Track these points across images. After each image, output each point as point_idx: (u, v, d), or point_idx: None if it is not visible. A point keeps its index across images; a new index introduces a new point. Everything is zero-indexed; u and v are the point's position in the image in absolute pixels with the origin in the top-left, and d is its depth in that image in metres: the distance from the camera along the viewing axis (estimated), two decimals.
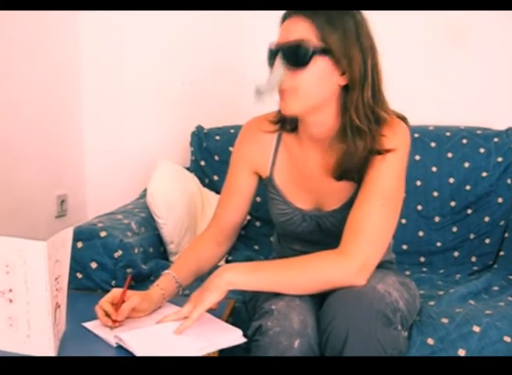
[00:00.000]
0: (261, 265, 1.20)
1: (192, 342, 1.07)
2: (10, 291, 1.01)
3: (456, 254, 1.88)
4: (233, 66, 2.04)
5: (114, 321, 1.13)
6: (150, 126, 2.33)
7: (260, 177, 1.36)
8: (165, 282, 1.24)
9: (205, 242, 1.37)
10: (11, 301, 1.01)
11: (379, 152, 1.17)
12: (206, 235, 1.39)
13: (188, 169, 2.07)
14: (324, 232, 1.28)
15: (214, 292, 1.11)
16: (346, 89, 1.18)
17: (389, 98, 1.23)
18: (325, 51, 1.14)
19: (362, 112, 1.16)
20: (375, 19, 1.18)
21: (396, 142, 1.18)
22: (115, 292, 1.18)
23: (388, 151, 1.17)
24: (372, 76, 1.17)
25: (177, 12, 2.19)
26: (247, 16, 2.13)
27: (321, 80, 1.15)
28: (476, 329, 1.30)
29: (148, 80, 2.30)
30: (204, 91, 2.25)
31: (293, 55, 1.14)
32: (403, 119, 1.24)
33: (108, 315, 1.14)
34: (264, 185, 1.35)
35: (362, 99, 1.16)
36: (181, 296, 1.28)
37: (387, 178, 1.16)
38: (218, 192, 2.01)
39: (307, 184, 1.28)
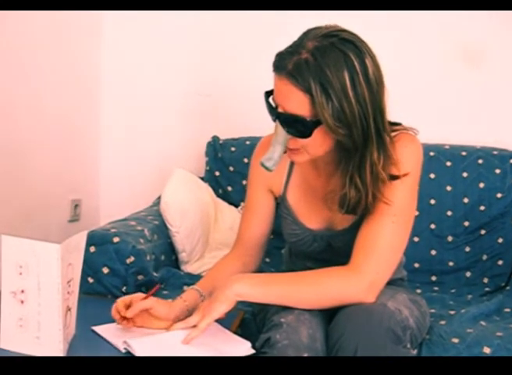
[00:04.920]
0: (271, 278, 1.20)
1: (200, 352, 1.06)
2: (22, 292, 1.02)
3: (468, 274, 1.86)
4: (251, 78, 2.05)
5: (124, 318, 1.15)
6: (166, 134, 2.34)
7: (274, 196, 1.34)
8: (189, 295, 1.23)
9: (231, 263, 1.34)
10: (22, 302, 1.02)
11: (396, 178, 1.14)
12: (231, 256, 1.36)
13: (202, 178, 2.07)
14: (335, 251, 1.27)
15: (223, 303, 1.11)
16: None
17: (406, 117, 1.22)
18: (323, 122, 1.07)
19: (366, 171, 1.12)
20: (393, 39, 1.15)
21: (410, 165, 1.15)
22: (137, 295, 1.20)
23: (404, 175, 1.14)
24: (376, 130, 1.09)
25: (198, 24, 2.22)
26: (265, 29, 2.15)
27: (326, 141, 1.12)
28: (487, 350, 1.29)
29: (166, 90, 2.31)
30: (221, 102, 2.26)
31: (293, 129, 1.10)
32: (407, 129, 1.20)
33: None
34: (277, 204, 1.34)
35: (366, 159, 1.11)
36: None
37: (399, 195, 1.15)
38: (231, 203, 2.02)
39: (319, 203, 1.26)
